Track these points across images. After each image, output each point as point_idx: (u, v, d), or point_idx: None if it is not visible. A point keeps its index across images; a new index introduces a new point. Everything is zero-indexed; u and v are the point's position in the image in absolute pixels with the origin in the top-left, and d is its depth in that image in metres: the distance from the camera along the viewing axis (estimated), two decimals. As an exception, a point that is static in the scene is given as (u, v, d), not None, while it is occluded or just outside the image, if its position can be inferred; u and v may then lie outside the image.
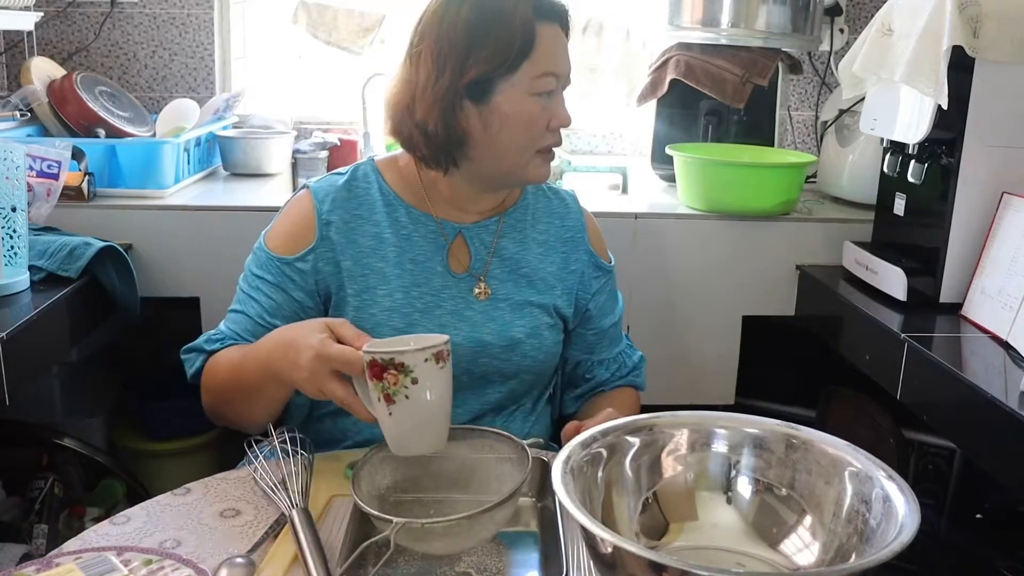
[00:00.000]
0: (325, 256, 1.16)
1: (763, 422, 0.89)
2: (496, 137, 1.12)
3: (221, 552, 0.89)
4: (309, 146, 2.15)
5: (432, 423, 0.95)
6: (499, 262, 1.21)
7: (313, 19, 2.25)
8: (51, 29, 2.21)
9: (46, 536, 1.80)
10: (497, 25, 1.09)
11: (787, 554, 0.84)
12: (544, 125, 1.13)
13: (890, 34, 1.48)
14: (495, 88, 1.10)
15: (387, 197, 1.19)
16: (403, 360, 0.91)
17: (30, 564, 0.85)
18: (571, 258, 1.26)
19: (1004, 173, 1.43)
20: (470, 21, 1.09)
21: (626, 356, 1.34)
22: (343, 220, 1.17)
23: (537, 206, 1.27)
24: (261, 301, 1.16)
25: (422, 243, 1.19)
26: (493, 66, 1.09)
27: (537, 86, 1.11)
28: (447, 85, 1.09)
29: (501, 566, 0.90)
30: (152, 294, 1.69)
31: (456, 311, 1.18)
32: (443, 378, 0.94)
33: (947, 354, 1.31)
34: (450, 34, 1.09)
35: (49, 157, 1.59)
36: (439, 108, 1.10)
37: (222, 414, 1.16)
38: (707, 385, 1.85)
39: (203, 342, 1.18)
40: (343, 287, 1.16)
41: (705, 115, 2.02)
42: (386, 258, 1.17)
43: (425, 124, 1.11)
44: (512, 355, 1.19)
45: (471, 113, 1.11)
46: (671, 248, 1.78)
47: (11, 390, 1.23)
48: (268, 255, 1.17)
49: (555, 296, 1.24)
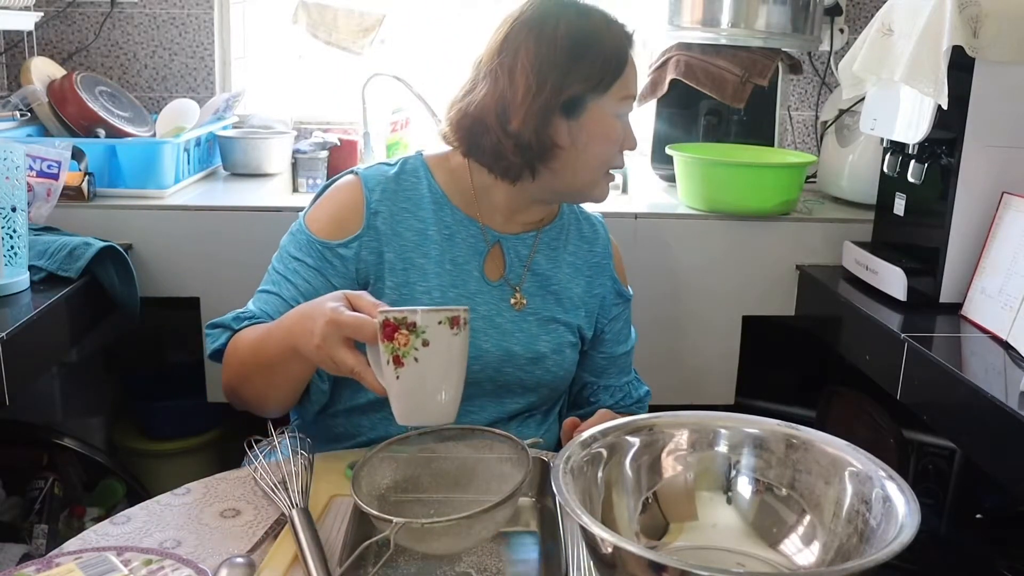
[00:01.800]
0: (369, 245, 1.16)
1: (763, 422, 0.89)
2: (581, 152, 1.15)
3: (221, 552, 0.89)
4: (309, 146, 2.15)
5: (440, 391, 0.93)
6: (531, 276, 1.23)
7: (313, 19, 2.25)
8: (51, 29, 2.21)
9: (46, 536, 1.80)
10: (596, 46, 1.13)
11: (787, 554, 0.84)
12: (619, 145, 1.18)
13: (890, 34, 1.49)
14: (587, 106, 1.14)
15: (435, 195, 1.20)
16: (415, 320, 0.90)
17: (30, 564, 0.85)
18: (596, 282, 1.28)
19: (1004, 173, 1.43)
20: (571, 39, 1.13)
21: (632, 387, 1.35)
22: (390, 211, 1.18)
23: (570, 227, 1.29)
24: (298, 284, 1.15)
25: (463, 246, 1.20)
26: (591, 84, 1.13)
27: (621, 107, 1.16)
28: (546, 98, 1.12)
29: (501, 566, 0.90)
30: (152, 294, 1.69)
31: (489, 317, 1.19)
32: (456, 345, 0.92)
33: (947, 354, 1.31)
34: (550, 50, 1.12)
35: (49, 157, 1.59)
36: (535, 120, 1.12)
37: (240, 393, 1.14)
38: (707, 385, 1.85)
39: (231, 319, 1.16)
40: (382, 278, 1.16)
41: (705, 115, 2.02)
42: (428, 255, 1.18)
43: (519, 134, 1.13)
44: (536, 368, 1.21)
45: (562, 128, 1.14)
46: (671, 248, 1.78)
47: (11, 390, 1.23)
48: (309, 237, 1.16)
49: (579, 317, 1.26)
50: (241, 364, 1.12)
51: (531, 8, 1.16)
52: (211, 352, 1.16)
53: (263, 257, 1.23)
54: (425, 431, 1.00)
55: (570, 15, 1.14)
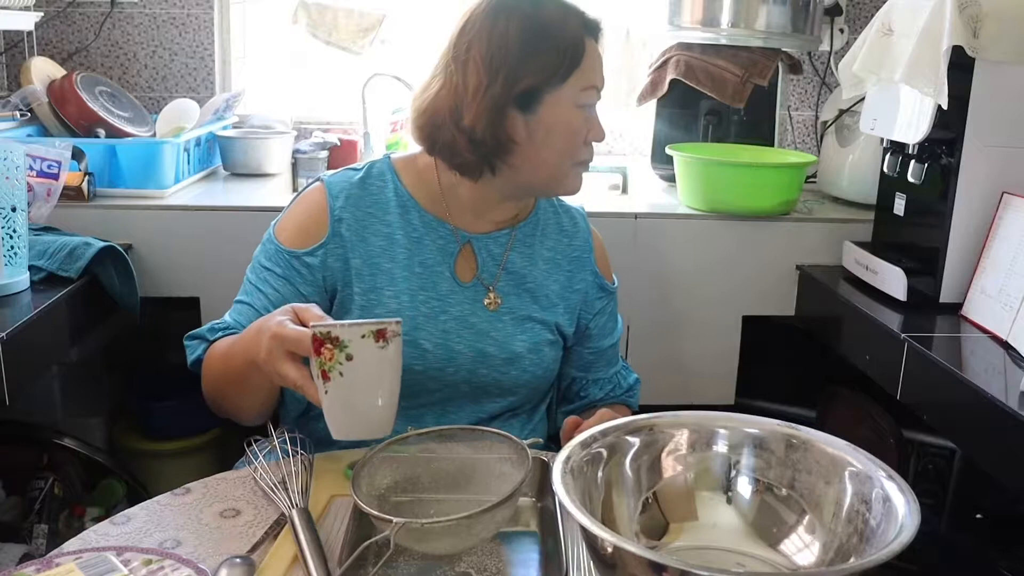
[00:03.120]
0: (335, 252, 1.16)
1: (763, 422, 0.89)
2: (540, 147, 1.13)
3: (221, 552, 0.89)
4: (309, 146, 2.15)
5: (368, 405, 0.93)
6: (506, 275, 1.22)
7: (313, 19, 2.25)
8: (51, 29, 2.21)
9: (46, 536, 1.80)
10: (550, 37, 1.11)
11: (787, 554, 0.84)
12: (583, 138, 1.15)
13: (890, 34, 1.49)
14: (543, 99, 1.12)
15: (402, 198, 1.19)
16: (338, 334, 0.90)
17: (30, 564, 0.85)
18: (576, 277, 1.26)
19: (1004, 173, 1.43)
20: (523, 32, 1.11)
21: (621, 377, 1.34)
22: (355, 218, 1.17)
23: (547, 222, 1.27)
24: (267, 293, 1.16)
25: (432, 248, 1.19)
26: (545, 76, 1.11)
27: (582, 98, 1.14)
28: (498, 93, 1.10)
29: (501, 566, 0.90)
30: (152, 294, 1.69)
31: (461, 318, 1.18)
32: (382, 359, 0.92)
33: (947, 354, 1.31)
34: (502, 43, 1.10)
35: (49, 157, 1.59)
36: (487, 115, 1.11)
37: (218, 404, 1.15)
38: (707, 385, 1.85)
39: (206, 331, 1.18)
40: (350, 285, 1.16)
41: (705, 115, 2.02)
42: (395, 259, 1.17)
43: (472, 130, 1.11)
44: (511, 369, 1.20)
45: (518, 122, 1.12)
46: (671, 248, 1.78)
47: (11, 390, 1.23)
48: (277, 247, 1.17)
49: (557, 314, 1.24)
50: (213, 376, 1.13)
51: (485, 2, 1.14)
52: (191, 363, 1.18)
53: (263, 257, 1.23)
54: (425, 431, 1.00)
55: (524, 7, 1.12)
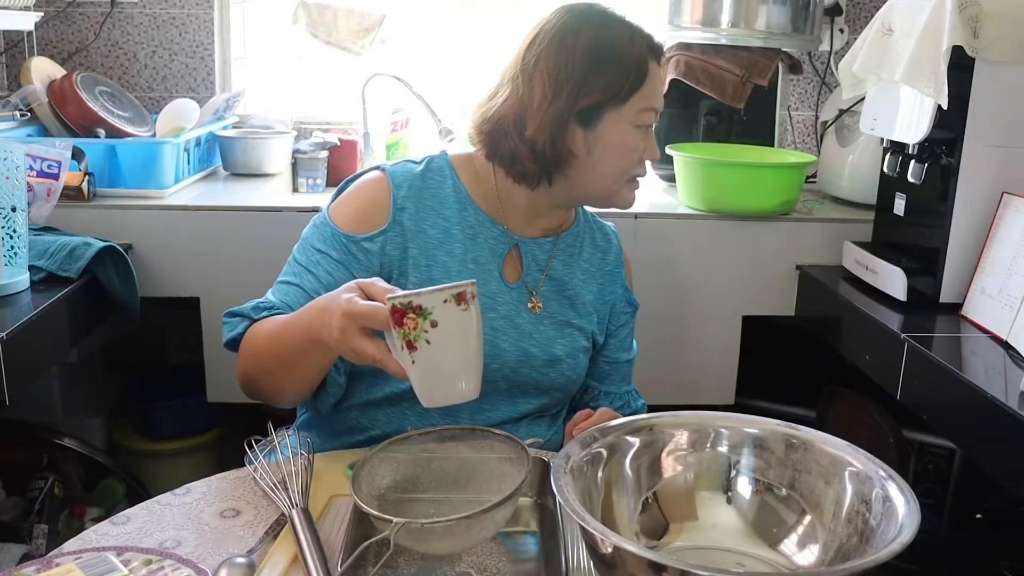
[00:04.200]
0: (394, 240, 1.17)
1: (763, 422, 0.89)
2: (597, 162, 1.17)
3: (221, 552, 0.89)
4: (309, 146, 2.15)
5: (458, 369, 0.92)
6: (549, 281, 1.24)
7: (313, 19, 2.25)
8: (51, 29, 2.21)
9: (46, 536, 1.80)
10: (616, 58, 1.14)
11: (787, 554, 0.84)
12: (639, 156, 1.19)
13: (890, 34, 1.49)
14: (604, 116, 1.15)
15: (460, 195, 1.22)
16: (420, 302, 0.89)
17: (30, 564, 0.85)
18: (607, 289, 1.30)
19: (1004, 173, 1.43)
20: (590, 50, 1.13)
21: (631, 398, 1.36)
22: (416, 208, 1.19)
23: (584, 236, 1.30)
24: (320, 276, 1.15)
25: (484, 247, 1.21)
26: (608, 95, 1.14)
27: (641, 119, 1.17)
28: (561, 107, 1.13)
29: (501, 566, 0.90)
30: (152, 294, 1.69)
31: (508, 317, 1.20)
32: (466, 321, 0.91)
33: (947, 354, 1.31)
34: (569, 60, 1.13)
35: (49, 157, 1.59)
36: (550, 128, 1.14)
37: (257, 384, 1.13)
38: (707, 385, 1.85)
39: (250, 308, 1.15)
40: (406, 274, 1.17)
41: (705, 115, 2.02)
42: (452, 253, 1.19)
43: (534, 141, 1.14)
44: (551, 371, 1.22)
45: (577, 136, 1.15)
46: (671, 248, 1.78)
47: (11, 390, 1.23)
48: (334, 230, 1.17)
49: (592, 322, 1.27)
50: (259, 354, 1.11)
51: (556, 17, 1.17)
52: (227, 340, 1.15)
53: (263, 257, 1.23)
54: (425, 431, 1.00)
55: (594, 26, 1.15)
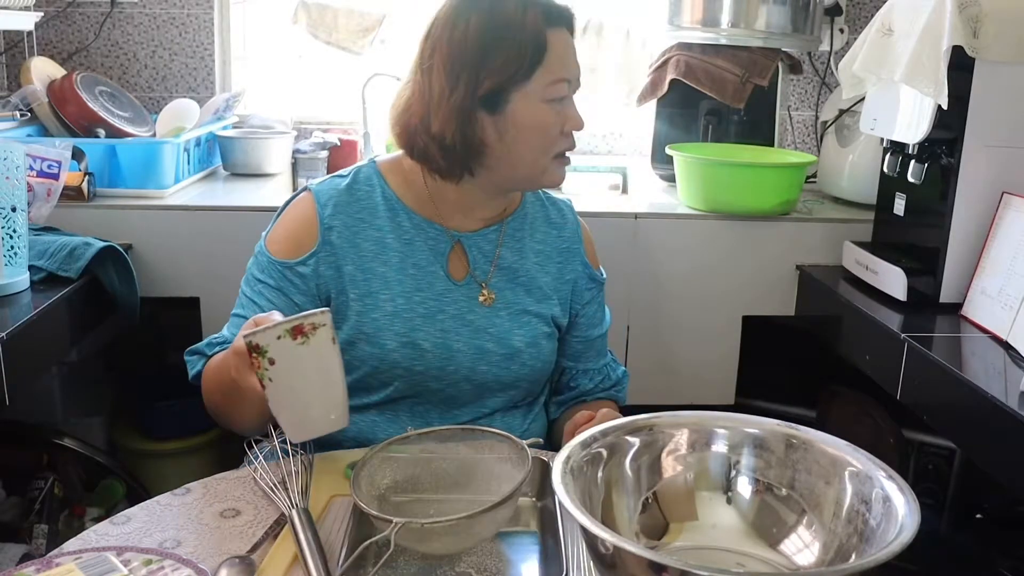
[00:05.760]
0: (327, 260, 1.16)
1: (763, 422, 0.89)
2: (512, 146, 1.13)
3: (221, 552, 0.89)
4: (309, 146, 2.15)
5: (304, 405, 0.93)
6: (499, 271, 1.22)
7: (313, 19, 2.25)
8: (51, 29, 2.21)
9: (46, 536, 1.80)
10: (508, 35, 1.09)
11: (787, 554, 0.84)
12: (559, 130, 1.14)
13: (890, 34, 1.48)
14: (509, 97, 1.11)
15: (390, 202, 1.19)
16: (256, 340, 0.90)
17: (30, 564, 0.85)
18: (567, 268, 1.27)
19: (1004, 173, 1.43)
20: (480, 33, 1.09)
21: (610, 370, 1.34)
22: (345, 224, 1.17)
23: (535, 215, 1.27)
24: (262, 305, 1.16)
25: (423, 248, 1.19)
26: (507, 76, 1.10)
27: (550, 92, 1.12)
28: (462, 97, 1.10)
29: (501, 566, 0.90)
30: (152, 294, 1.69)
31: (459, 316, 1.18)
32: (304, 355, 0.91)
33: (947, 354, 1.31)
34: (461, 47, 1.10)
35: (49, 157, 1.59)
36: (455, 121, 1.10)
37: (217, 417, 1.16)
38: (707, 385, 1.85)
39: (204, 345, 1.19)
40: (344, 291, 1.16)
41: (705, 115, 2.02)
42: (388, 263, 1.17)
43: (442, 137, 1.11)
44: (512, 364, 1.20)
45: (487, 123, 1.12)
46: (671, 248, 1.78)
47: (11, 390, 1.23)
48: (269, 259, 1.17)
49: (551, 306, 1.24)
50: (208, 391, 1.14)
51: (447, 4, 1.13)
52: (191, 378, 1.19)
53: (263, 257, 1.23)
54: (425, 431, 1.00)
55: (483, 7, 1.10)
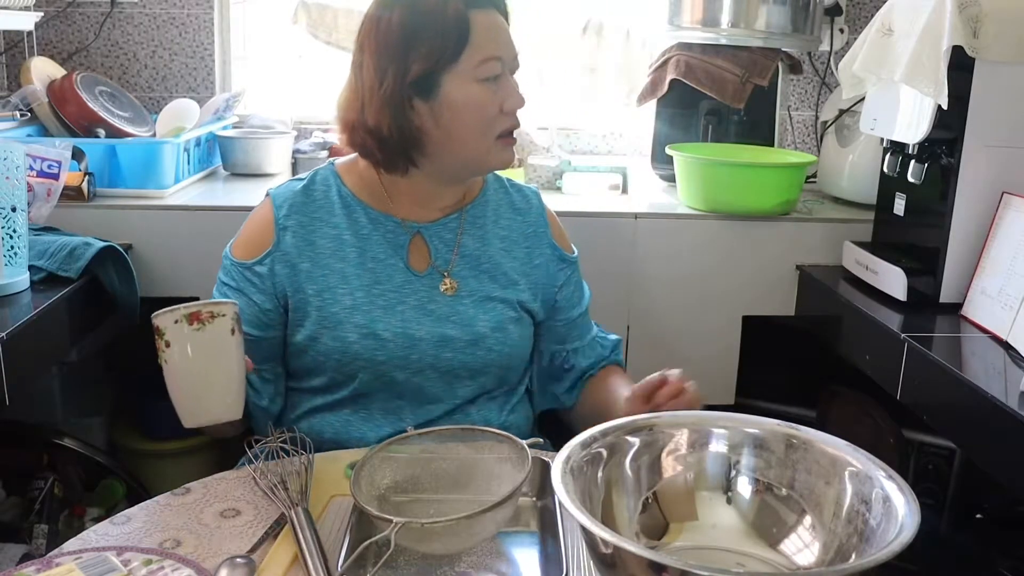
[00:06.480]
0: (281, 260, 1.19)
1: (763, 422, 0.89)
2: (450, 129, 1.14)
3: (221, 552, 0.89)
4: (309, 146, 2.15)
5: (199, 389, 0.95)
6: (460, 259, 1.23)
7: (313, 19, 2.25)
8: (51, 29, 2.21)
9: (46, 536, 1.80)
10: (430, 21, 1.12)
11: (787, 554, 0.84)
12: (497, 109, 1.15)
13: (890, 34, 1.48)
14: (440, 80, 1.13)
15: (346, 199, 1.22)
16: (157, 323, 0.92)
17: (30, 564, 0.85)
18: (535, 253, 1.28)
19: (1004, 173, 1.43)
20: (403, 23, 1.12)
21: (601, 340, 1.36)
22: (300, 224, 1.21)
23: (499, 201, 1.29)
24: None
25: (381, 242, 1.21)
26: (433, 60, 1.12)
27: (482, 72, 1.13)
28: (392, 86, 1.12)
29: (501, 566, 0.90)
30: (152, 294, 1.68)
31: (420, 306, 1.20)
32: (202, 341, 0.93)
33: (947, 354, 1.31)
34: (386, 39, 1.13)
35: (49, 157, 1.59)
36: (389, 111, 1.13)
37: None
38: (707, 385, 1.83)
39: None
40: (301, 288, 1.19)
41: (705, 115, 2.02)
42: (346, 259, 1.20)
43: (379, 129, 1.14)
44: (477, 350, 1.21)
45: (421, 110, 1.14)
46: (671, 248, 1.78)
47: (11, 390, 1.23)
48: (231, 261, 1.22)
49: (519, 291, 1.25)
50: None
51: (374, 4, 1.16)
52: None
53: (263, 257, 1.24)
54: (425, 431, 1.00)
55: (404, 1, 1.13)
